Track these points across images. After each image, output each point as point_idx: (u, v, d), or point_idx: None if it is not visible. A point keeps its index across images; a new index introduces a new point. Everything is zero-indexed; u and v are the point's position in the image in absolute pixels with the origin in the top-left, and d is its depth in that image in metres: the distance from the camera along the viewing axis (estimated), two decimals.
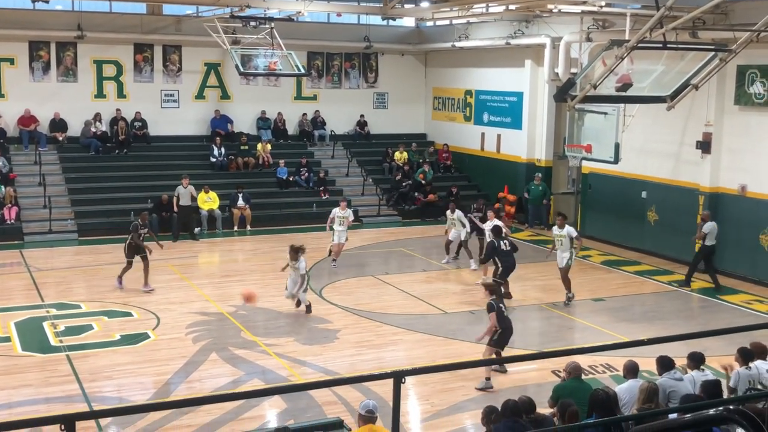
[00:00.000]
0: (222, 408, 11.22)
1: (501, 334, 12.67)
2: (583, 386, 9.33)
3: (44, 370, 12.97)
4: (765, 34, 15.18)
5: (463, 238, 19.80)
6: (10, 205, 22.16)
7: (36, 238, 21.96)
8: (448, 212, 20.19)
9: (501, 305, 12.87)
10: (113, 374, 12.87)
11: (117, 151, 25.54)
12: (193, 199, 23.17)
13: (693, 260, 18.67)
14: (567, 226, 16.71)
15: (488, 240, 17.31)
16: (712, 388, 8.59)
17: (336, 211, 19.94)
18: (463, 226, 19.61)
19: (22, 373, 12.88)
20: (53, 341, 14.31)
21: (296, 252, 15.76)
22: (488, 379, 12.46)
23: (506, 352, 12.80)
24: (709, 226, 18.02)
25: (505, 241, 16.81)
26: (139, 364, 13.31)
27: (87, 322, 15.30)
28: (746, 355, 9.81)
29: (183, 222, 22.73)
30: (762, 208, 18.55)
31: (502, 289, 15.43)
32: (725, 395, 9.22)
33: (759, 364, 9.67)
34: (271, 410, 11.57)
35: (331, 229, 19.79)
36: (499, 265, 16.62)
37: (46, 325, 15.11)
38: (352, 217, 20.40)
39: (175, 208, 22.65)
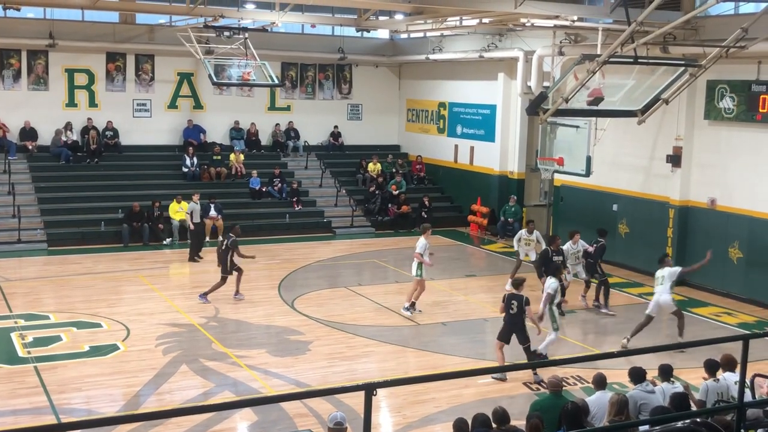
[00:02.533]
0: (192, 420, 11.12)
1: (503, 326, 13.32)
2: (561, 402, 9.26)
3: (11, 382, 12.80)
4: (734, 50, 15.39)
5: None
6: None
7: (4, 247, 21.66)
8: (523, 232, 19.05)
9: (513, 301, 13.11)
10: (82, 386, 12.73)
11: (88, 161, 25.33)
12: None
13: None
14: (666, 267, 15.02)
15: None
16: (679, 400, 8.65)
17: (523, 233, 18.79)
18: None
19: None
20: (21, 352, 14.13)
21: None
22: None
23: (477, 364, 12.82)
24: None
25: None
26: (108, 376, 13.17)
27: (56, 333, 15.12)
28: (712, 367, 9.90)
29: (199, 238, 21.78)
30: (731, 222, 18.76)
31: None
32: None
33: (728, 376, 9.76)
34: (242, 422, 11.50)
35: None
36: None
37: (14, 335, 14.91)
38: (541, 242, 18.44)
39: (192, 226, 21.85)
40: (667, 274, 14.87)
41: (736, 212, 18.75)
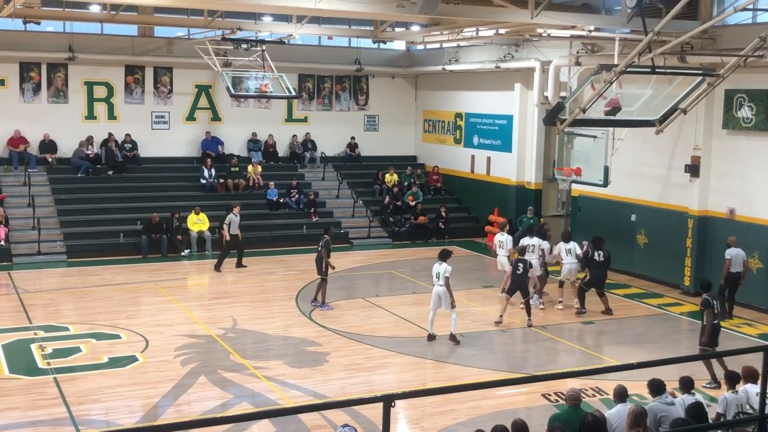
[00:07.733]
0: None
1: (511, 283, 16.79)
2: (580, 415, 9.12)
3: (31, 393, 12.86)
4: (752, 59, 15.32)
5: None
6: None
7: (24, 259, 21.83)
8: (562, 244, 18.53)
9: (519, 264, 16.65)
10: (101, 397, 12.77)
11: (111, 172, 25.49)
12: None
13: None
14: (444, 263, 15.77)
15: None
16: (694, 411, 8.59)
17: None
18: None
19: (9, 395, 12.77)
20: (41, 364, 14.21)
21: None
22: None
23: (495, 375, 12.75)
24: (731, 252, 17.30)
25: (599, 252, 17.67)
26: (127, 387, 13.21)
27: (75, 345, 15.20)
28: (732, 379, 9.83)
29: (234, 251, 21.76)
30: (750, 232, 18.62)
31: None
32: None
33: (749, 388, 9.68)
34: None
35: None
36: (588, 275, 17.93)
37: (33, 347, 15.00)
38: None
39: (228, 237, 21.61)
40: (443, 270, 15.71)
41: (755, 222, 18.61)
